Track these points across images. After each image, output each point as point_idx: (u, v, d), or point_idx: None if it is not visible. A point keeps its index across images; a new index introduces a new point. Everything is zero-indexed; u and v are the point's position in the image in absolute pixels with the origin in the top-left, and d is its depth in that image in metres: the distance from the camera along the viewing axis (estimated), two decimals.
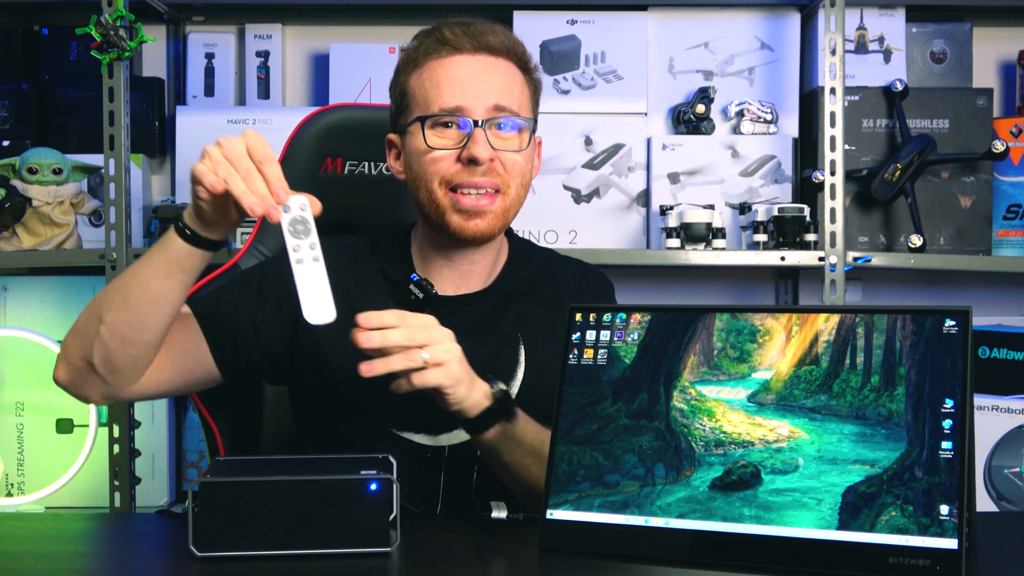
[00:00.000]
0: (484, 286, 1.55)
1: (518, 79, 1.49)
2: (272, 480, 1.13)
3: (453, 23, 1.47)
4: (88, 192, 2.45)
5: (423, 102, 1.46)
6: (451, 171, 1.44)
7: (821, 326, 1.16)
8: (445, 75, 1.45)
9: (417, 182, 1.47)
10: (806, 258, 2.30)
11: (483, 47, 1.46)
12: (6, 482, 2.47)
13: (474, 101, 1.44)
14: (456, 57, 1.46)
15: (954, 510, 1.03)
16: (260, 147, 1.25)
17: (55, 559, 1.23)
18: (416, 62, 1.48)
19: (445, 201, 1.45)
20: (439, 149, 1.44)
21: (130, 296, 1.35)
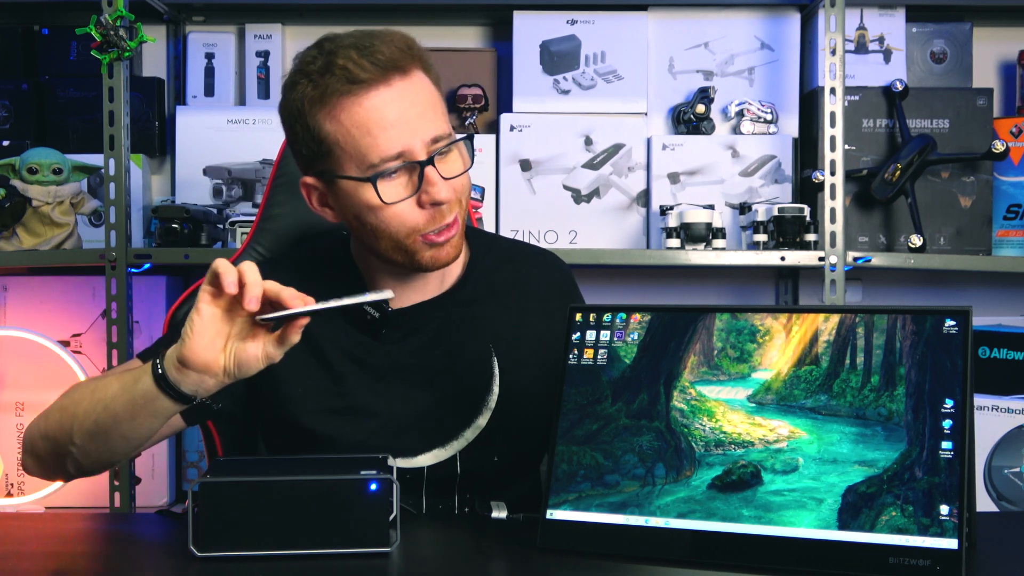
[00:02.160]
0: (441, 291, 1.49)
1: (430, 87, 1.38)
2: (272, 480, 1.13)
3: (347, 48, 1.33)
4: (88, 192, 2.45)
5: (355, 153, 1.34)
6: (420, 220, 1.36)
7: (821, 326, 1.16)
8: (372, 120, 1.32)
9: (376, 233, 1.38)
10: (806, 258, 2.30)
11: (391, 69, 1.33)
12: (6, 482, 2.47)
13: (411, 139, 1.33)
14: (372, 93, 1.33)
15: (954, 510, 1.03)
16: None
17: (55, 559, 1.23)
18: (324, 102, 1.34)
19: (415, 246, 1.38)
20: (398, 202, 1.35)
21: (100, 429, 1.29)
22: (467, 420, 1.45)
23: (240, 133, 2.52)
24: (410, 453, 1.43)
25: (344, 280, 1.47)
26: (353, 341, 1.45)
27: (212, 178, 2.51)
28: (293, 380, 1.44)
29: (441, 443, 1.44)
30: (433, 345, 1.47)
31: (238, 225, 2.28)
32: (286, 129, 1.41)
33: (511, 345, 1.49)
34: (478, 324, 1.49)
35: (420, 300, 1.48)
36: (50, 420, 1.36)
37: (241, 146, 2.51)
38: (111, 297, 2.29)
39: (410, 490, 1.44)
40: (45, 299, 2.51)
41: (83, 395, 1.33)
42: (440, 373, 1.46)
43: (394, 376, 1.45)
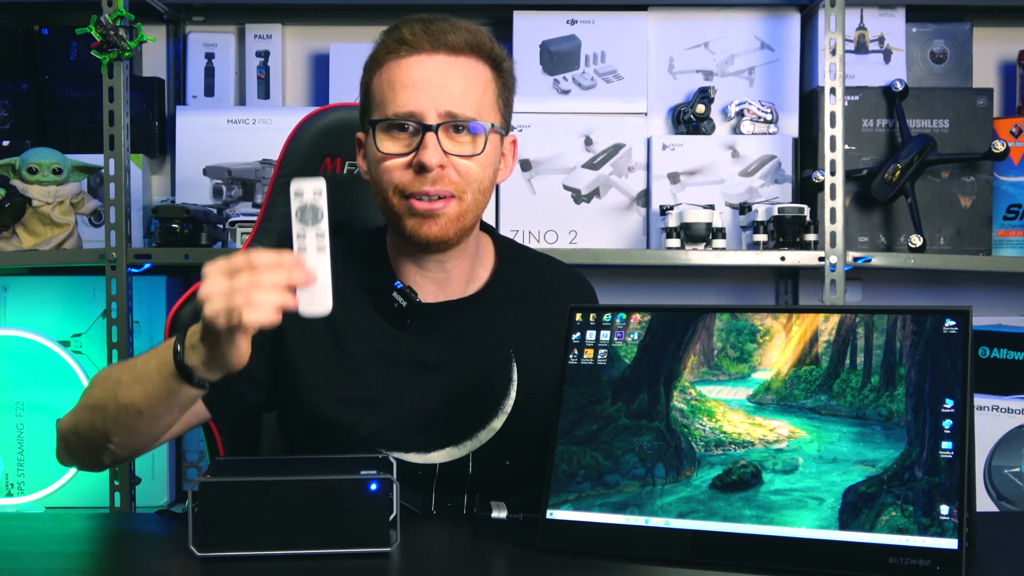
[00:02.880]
0: (466, 293, 1.51)
1: (481, 78, 1.43)
2: (272, 480, 1.13)
3: (415, 20, 1.43)
4: (88, 192, 2.45)
5: (380, 104, 1.42)
6: (404, 179, 1.40)
7: (821, 326, 1.16)
8: (400, 77, 1.40)
9: (375, 187, 1.45)
10: (806, 258, 2.30)
11: (442, 46, 1.40)
12: (6, 482, 2.47)
13: (428, 105, 1.39)
14: (413, 58, 1.41)
15: (954, 510, 1.03)
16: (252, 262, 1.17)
17: (55, 559, 1.22)
18: (377, 61, 1.43)
19: (400, 207, 1.41)
20: (392, 156, 1.40)
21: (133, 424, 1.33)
22: (482, 421, 1.46)
23: (240, 133, 2.52)
24: (424, 448, 1.44)
25: (375, 272, 1.50)
26: (376, 330, 1.47)
27: (212, 178, 2.51)
28: (314, 368, 1.45)
29: (455, 442, 1.45)
30: (454, 344, 1.48)
31: (238, 225, 2.28)
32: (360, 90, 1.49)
33: (531, 353, 1.49)
34: (499, 330, 1.50)
35: (444, 299, 1.49)
36: (81, 419, 1.38)
37: (241, 146, 2.51)
38: (111, 297, 2.29)
39: (421, 486, 1.44)
40: (45, 299, 2.51)
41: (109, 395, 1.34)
42: (458, 372, 1.47)
43: (413, 370, 1.46)
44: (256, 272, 1.15)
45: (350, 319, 1.46)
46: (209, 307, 1.15)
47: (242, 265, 1.15)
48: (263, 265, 1.15)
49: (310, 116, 1.75)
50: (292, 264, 1.16)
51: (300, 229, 1.19)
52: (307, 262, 1.18)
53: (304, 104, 2.68)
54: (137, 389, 1.29)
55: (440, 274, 1.49)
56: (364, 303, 1.48)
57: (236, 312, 1.13)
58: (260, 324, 1.15)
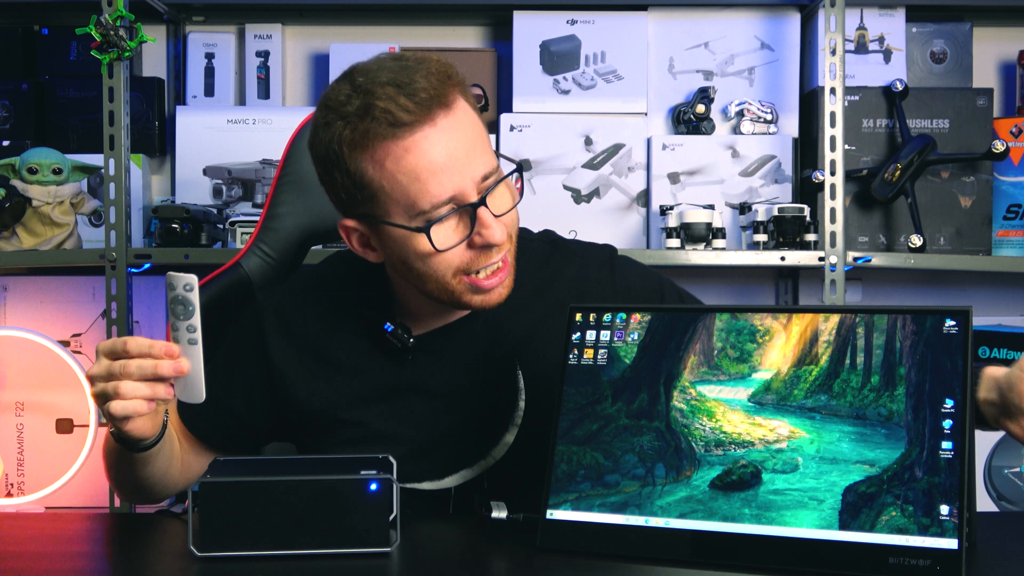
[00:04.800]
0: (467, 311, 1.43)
1: (472, 116, 1.30)
2: (272, 480, 1.13)
3: (384, 85, 1.25)
4: (88, 192, 2.45)
5: (403, 199, 1.26)
6: (466, 260, 1.30)
7: (821, 326, 1.16)
8: (420, 165, 1.25)
9: (422, 277, 1.32)
10: (806, 258, 2.30)
11: (434, 106, 1.25)
12: (6, 482, 2.47)
13: (463, 181, 1.26)
14: (418, 135, 1.25)
15: (954, 510, 1.03)
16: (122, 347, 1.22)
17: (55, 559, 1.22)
18: (365, 146, 1.26)
19: (460, 287, 1.32)
20: (450, 248, 1.28)
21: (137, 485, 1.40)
22: (495, 438, 1.41)
23: (240, 133, 2.52)
24: (436, 476, 1.41)
25: (372, 298, 1.44)
26: (375, 368, 1.42)
27: (212, 178, 2.51)
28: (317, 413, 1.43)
29: (468, 464, 1.41)
30: (458, 366, 1.42)
31: (238, 225, 2.28)
32: (319, 169, 1.34)
33: (535, 356, 1.42)
34: (502, 340, 1.43)
35: (450, 320, 1.43)
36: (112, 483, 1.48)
37: (241, 146, 2.51)
38: (111, 297, 2.29)
39: (437, 509, 1.41)
40: (45, 299, 2.51)
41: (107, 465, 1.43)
42: (465, 394, 1.42)
43: (419, 400, 1.42)
44: (130, 361, 1.20)
45: (349, 355, 1.43)
46: (92, 391, 1.24)
47: (119, 350, 1.21)
48: (135, 353, 1.20)
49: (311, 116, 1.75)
50: (161, 354, 1.20)
51: (173, 321, 1.22)
52: (178, 354, 1.21)
53: (304, 104, 2.68)
54: (108, 455, 1.40)
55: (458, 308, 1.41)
56: (363, 333, 1.42)
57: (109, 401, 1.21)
58: (127, 415, 1.22)
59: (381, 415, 1.42)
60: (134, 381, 1.20)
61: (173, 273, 1.21)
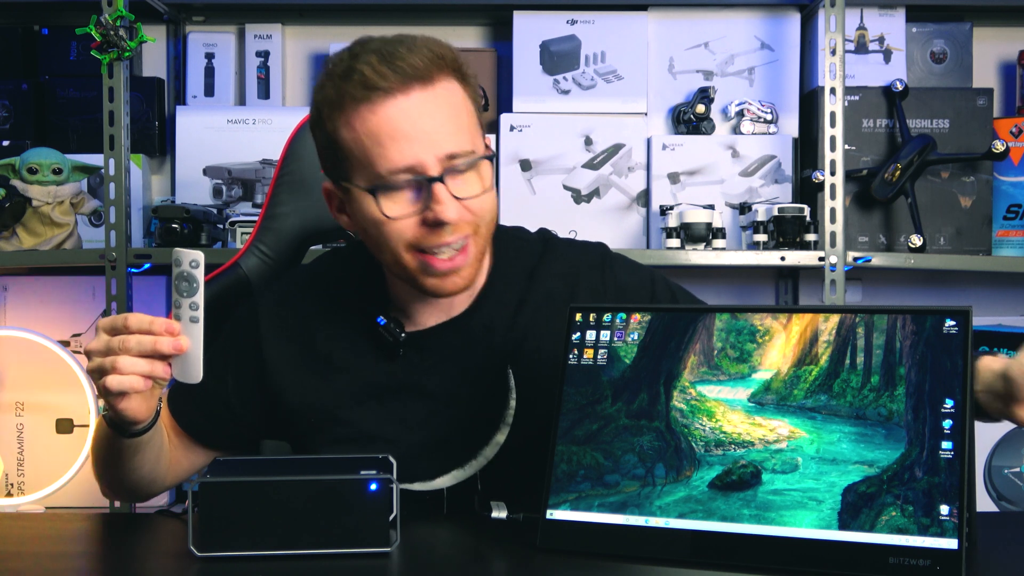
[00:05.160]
0: (462, 309, 1.43)
1: (458, 99, 1.31)
2: (272, 480, 1.13)
3: (371, 54, 1.27)
4: (88, 192, 2.45)
5: (364, 161, 1.28)
6: (417, 235, 1.29)
7: (821, 326, 1.16)
8: (384, 129, 1.26)
9: (378, 246, 1.33)
10: (806, 258, 2.30)
11: (412, 79, 1.26)
12: (6, 482, 2.47)
13: (425, 154, 1.26)
14: (389, 102, 1.26)
15: (954, 510, 1.03)
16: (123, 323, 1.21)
17: (55, 559, 1.23)
18: (340, 107, 1.28)
19: (414, 264, 1.31)
20: (400, 219, 1.28)
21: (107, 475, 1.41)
22: (486, 438, 1.41)
23: (240, 133, 2.52)
24: (428, 477, 1.40)
25: (367, 296, 1.44)
26: (368, 365, 1.42)
27: (212, 178, 2.51)
28: (308, 410, 1.43)
29: (460, 464, 1.41)
30: (449, 366, 1.42)
31: (238, 225, 2.28)
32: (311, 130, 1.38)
33: (526, 355, 1.42)
34: (492, 339, 1.43)
35: (443, 319, 1.43)
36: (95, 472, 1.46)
37: (241, 146, 2.51)
38: (111, 297, 2.29)
39: (431, 511, 1.41)
40: (45, 299, 2.51)
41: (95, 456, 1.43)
42: (456, 394, 1.42)
43: (410, 398, 1.42)
44: (129, 336, 1.19)
45: (342, 351, 1.43)
46: (89, 365, 1.23)
47: (119, 325, 1.20)
48: (134, 329, 1.19)
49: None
50: (162, 331, 1.19)
51: (176, 298, 1.21)
52: (178, 331, 1.20)
53: (304, 104, 2.68)
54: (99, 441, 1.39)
55: (445, 300, 1.41)
56: (357, 330, 1.43)
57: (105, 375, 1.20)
58: (123, 390, 1.20)
59: (372, 414, 1.42)
60: (132, 356, 1.19)
61: (180, 249, 1.21)
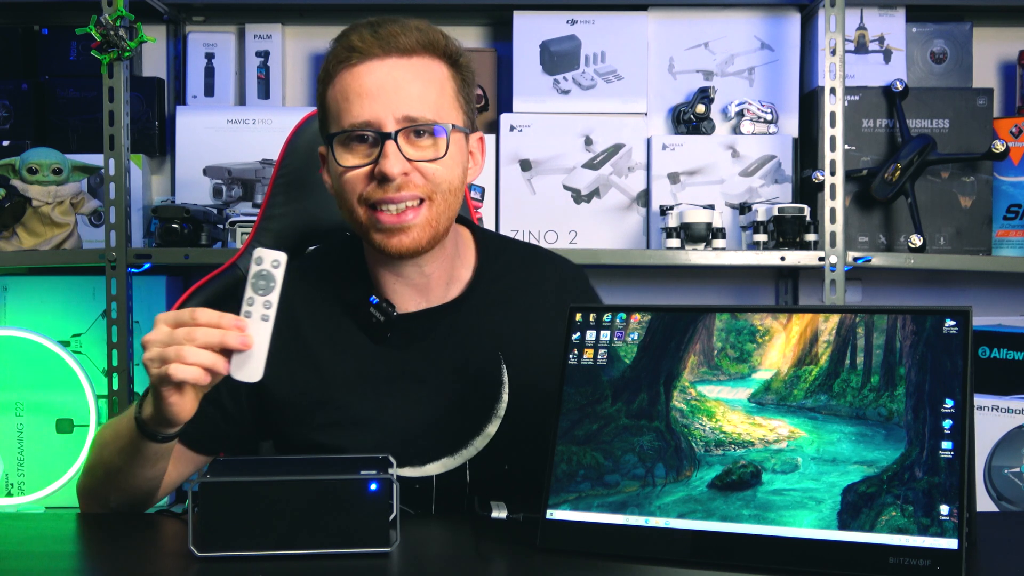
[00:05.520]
0: (448, 297, 1.48)
1: (437, 78, 1.39)
2: (272, 480, 1.13)
3: (363, 25, 1.38)
4: (88, 192, 2.45)
5: (336, 116, 1.38)
6: (366, 189, 1.36)
7: (821, 326, 1.16)
8: (354, 86, 1.36)
9: (339, 200, 1.41)
10: (806, 258, 2.30)
11: (393, 49, 1.36)
12: (6, 482, 2.47)
13: (384, 111, 1.34)
14: (365, 65, 1.36)
15: (954, 510, 1.03)
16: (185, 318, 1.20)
17: (55, 559, 1.23)
18: (329, 73, 1.39)
19: (366, 219, 1.38)
20: (352, 168, 1.36)
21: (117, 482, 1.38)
22: (476, 428, 1.44)
23: (240, 133, 2.52)
24: (418, 462, 1.42)
25: (352, 285, 1.47)
26: (356, 347, 1.45)
27: (212, 178, 2.51)
28: (296, 397, 1.44)
29: (450, 452, 1.43)
30: (439, 352, 1.45)
31: (238, 225, 2.28)
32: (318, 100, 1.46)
33: (520, 352, 1.47)
34: (485, 332, 1.47)
35: (426, 307, 1.47)
36: (86, 482, 1.45)
37: (241, 146, 2.51)
38: (111, 297, 2.29)
39: (420, 501, 1.42)
40: (45, 299, 2.51)
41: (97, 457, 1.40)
42: (447, 381, 1.44)
43: (399, 384, 1.44)
44: (195, 328, 1.18)
45: (330, 339, 1.45)
46: (146, 355, 1.21)
47: (185, 319, 1.19)
48: (204, 322, 1.19)
49: (310, 116, 1.75)
50: (230, 326, 1.19)
51: (250, 295, 1.20)
52: (247, 328, 1.19)
53: (304, 104, 2.68)
54: (114, 448, 1.35)
55: (420, 279, 1.45)
56: (343, 319, 1.45)
57: (166, 364, 1.18)
58: (185, 380, 1.19)
59: (364, 398, 1.43)
60: (198, 347, 1.18)
61: (263, 248, 1.22)
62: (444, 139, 1.38)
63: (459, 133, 1.41)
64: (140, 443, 1.30)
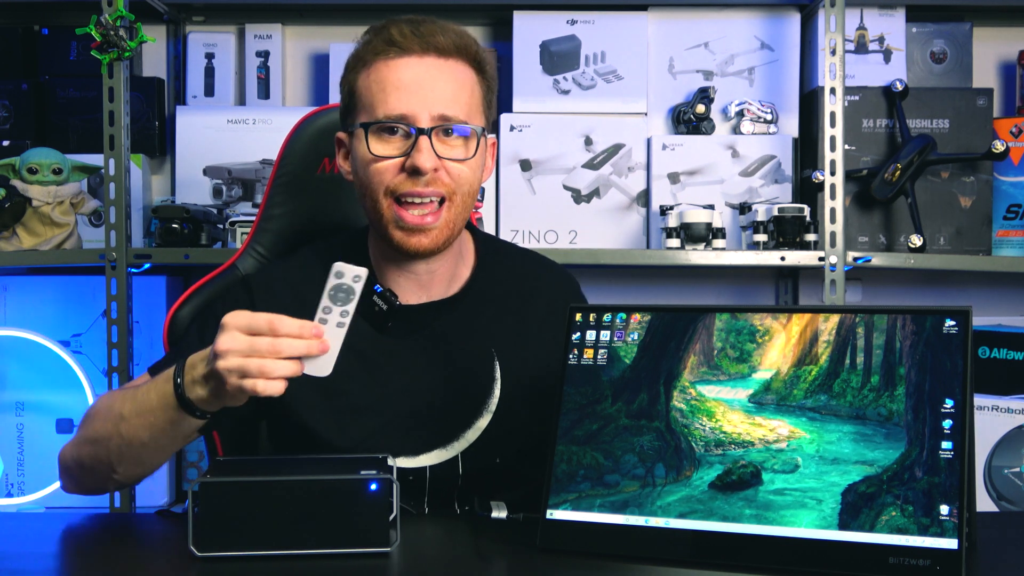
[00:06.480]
0: (448, 294, 1.50)
1: (468, 81, 1.43)
2: (272, 480, 1.13)
3: (403, 21, 1.42)
4: (88, 192, 2.45)
5: (369, 106, 1.41)
6: (395, 181, 1.39)
7: (821, 326, 1.16)
8: (391, 79, 1.39)
9: (363, 189, 1.43)
10: (806, 258, 2.30)
11: (432, 48, 1.40)
12: (6, 482, 2.47)
13: (420, 107, 1.38)
14: (404, 60, 1.40)
15: (954, 510, 1.03)
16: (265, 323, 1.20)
17: (55, 559, 1.23)
18: (364, 61, 1.42)
19: (388, 213, 1.40)
20: (383, 158, 1.39)
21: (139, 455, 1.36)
22: (468, 421, 1.46)
23: (240, 133, 2.52)
24: (412, 452, 1.44)
25: None
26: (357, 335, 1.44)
27: (212, 178, 2.51)
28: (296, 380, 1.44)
29: (442, 443, 1.45)
30: (435, 346, 1.48)
31: (238, 225, 2.28)
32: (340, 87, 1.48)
33: (513, 350, 1.50)
34: (481, 329, 1.50)
35: (424, 299, 1.49)
36: (83, 452, 1.40)
37: (241, 146, 2.51)
38: (111, 297, 2.29)
39: (413, 492, 1.44)
40: (45, 299, 2.51)
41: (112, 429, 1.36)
42: (441, 374, 1.47)
43: (396, 373, 1.46)
44: (277, 340, 1.18)
45: None
46: (223, 363, 1.19)
47: (264, 328, 1.19)
48: (285, 333, 1.18)
49: (308, 116, 1.75)
50: (311, 336, 1.19)
51: (328, 304, 1.22)
52: (324, 334, 1.20)
53: (304, 104, 2.68)
54: (139, 422, 1.32)
55: (425, 275, 1.48)
56: None
57: (249, 378, 1.18)
58: (271, 394, 1.19)
59: (362, 385, 1.45)
60: (282, 360, 1.18)
61: (343, 264, 1.23)
62: (474, 141, 1.42)
63: (483, 137, 1.44)
64: (180, 420, 1.28)
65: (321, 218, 1.67)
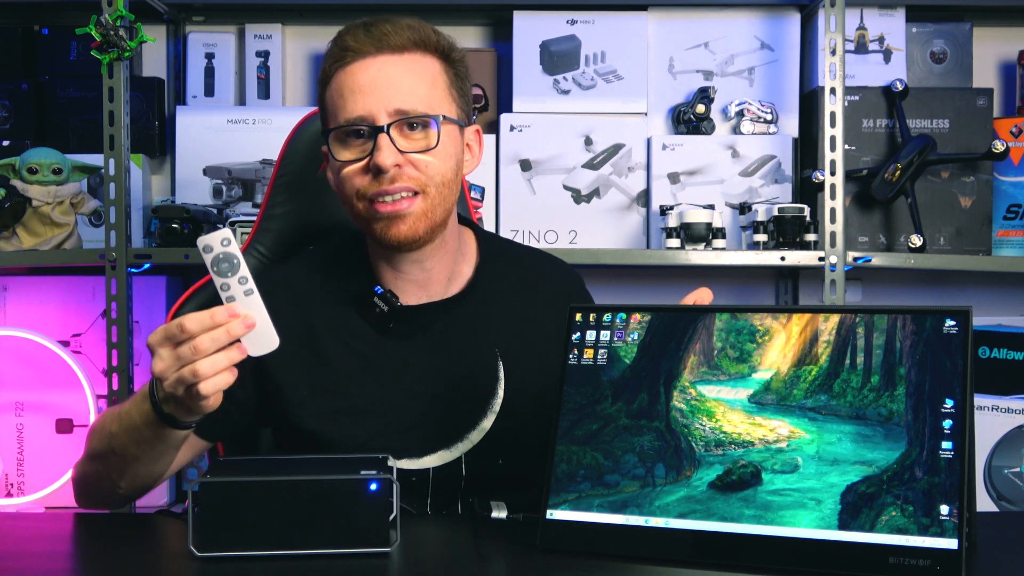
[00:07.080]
0: (449, 293, 1.50)
1: (428, 72, 1.42)
2: (272, 480, 1.13)
3: (358, 24, 1.42)
4: (88, 192, 2.45)
5: (332, 114, 1.42)
6: (363, 183, 1.39)
7: (821, 326, 1.16)
8: (348, 84, 1.40)
9: (341, 197, 1.44)
10: (806, 258, 2.30)
11: (385, 47, 1.40)
12: (6, 482, 2.47)
13: (376, 106, 1.38)
14: (358, 63, 1.40)
15: (954, 510, 1.03)
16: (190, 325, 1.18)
17: (55, 559, 1.23)
18: (326, 73, 1.43)
19: (366, 212, 1.40)
20: (349, 162, 1.40)
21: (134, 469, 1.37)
22: (472, 422, 1.45)
23: (240, 133, 2.52)
24: (415, 454, 1.43)
25: (355, 278, 1.49)
26: (358, 338, 1.46)
27: (212, 178, 2.51)
28: (297, 382, 1.45)
29: (446, 445, 1.44)
30: (438, 346, 1.47)
31: (238, 225, 2.28)
32: None
33: (517, 350, 1.49)
34: (484, 329, 1.49)
35: (424, 300, 1.48)
36: (88, 469, 1.44)
37: (241, 146, 2.51)
38: (111, 297, 2.29)
39: (416, 493, 1.44)
40: (45, 299, 2.51)
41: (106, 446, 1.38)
42: (444, 374, 1.46)
43: (398, 375, 1.45)
44: (195, 340, 1.17)
45: (332, 328, 1.46)
46: (166, 384, 1.20)
47: (176, 334, 1.17)
48: (198, 330, 1.17)
49: (309, 116, 1.75)
50: (227, 318, 1.17)
51: (221, 281, 1.19)
52: (240, 310, 1.18)
53: (304, 104, 2.68)
54: (127, 439, 1.33)
55: (420, 274, 1.47)
56: (346, 311, 1.47)
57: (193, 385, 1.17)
58: (218, 390, 1.19)
59: (364, 387, 1.44)
60: (211, 356, 1.17)
61: (204, 236, 1.20)
62: (435, 130, 1.40)
63: (452, 125, 1.43)
64: (162, 432, 1.29)
65: (322, 218, 1.67)
